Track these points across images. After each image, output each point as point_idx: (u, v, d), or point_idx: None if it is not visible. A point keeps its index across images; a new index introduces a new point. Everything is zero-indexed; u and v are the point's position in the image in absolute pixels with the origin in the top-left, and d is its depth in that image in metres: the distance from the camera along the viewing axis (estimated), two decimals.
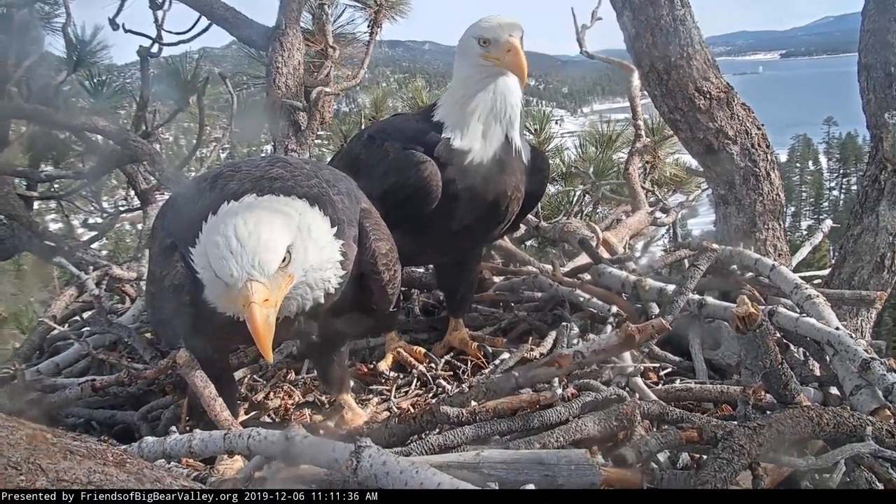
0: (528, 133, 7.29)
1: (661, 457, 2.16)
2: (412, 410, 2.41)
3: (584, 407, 2.26)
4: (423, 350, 3.38)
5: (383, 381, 3.22)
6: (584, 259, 4.17)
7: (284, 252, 2.06)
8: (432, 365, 3.29)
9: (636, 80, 6.21)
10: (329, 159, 4.28)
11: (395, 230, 2.62)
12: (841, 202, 52.98)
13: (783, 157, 54.19)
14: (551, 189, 7.59)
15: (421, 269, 3.87)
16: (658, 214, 6.50)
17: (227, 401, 2.47)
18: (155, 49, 6.80)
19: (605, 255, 4.07)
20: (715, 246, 3.36)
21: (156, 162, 5.72)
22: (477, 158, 2.98)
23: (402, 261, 2.65)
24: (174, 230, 2.42)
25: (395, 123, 3.45)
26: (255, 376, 3.31)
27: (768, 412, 2.20)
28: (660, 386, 2.80)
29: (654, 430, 2.28)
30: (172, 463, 2.18)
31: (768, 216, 4.30)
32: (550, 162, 7.48)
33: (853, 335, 2.63)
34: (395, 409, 2.92)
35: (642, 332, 2.42)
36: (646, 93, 4.82)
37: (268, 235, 2.04)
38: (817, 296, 2.94)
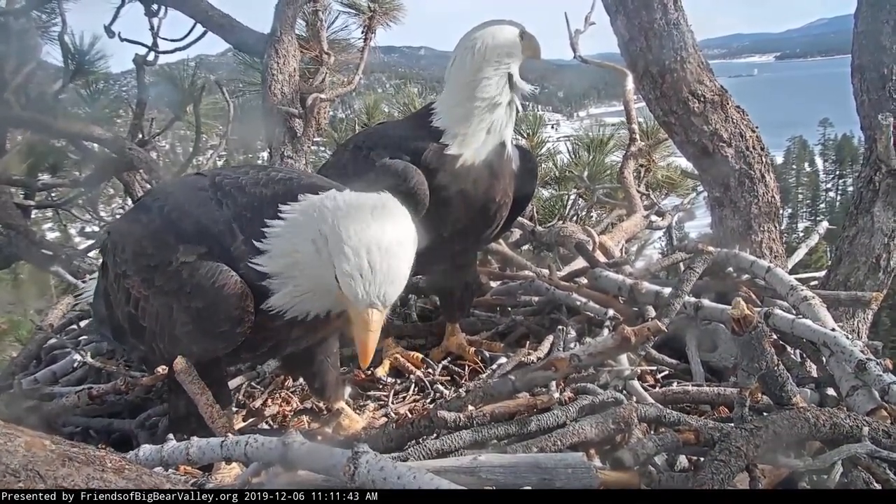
0: (520, 137, 7.29)
1: (659, 459, 2.16)
2: (410, 416, 2.42)
3: (581, 410, 2.26)
4: (421, 355, 3.38)
5: (381, 386, 3.22)
6: (580, 263, 4.17)
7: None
8: (430, 370, 3.29)
9: (630, 84, 6.20)
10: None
11: None
12: (837, 204, 53.00)
13: (779, 159, 54.31)
14: (545, 193, 7.60)
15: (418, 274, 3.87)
16: (653, 218, 6.50)
17: (224, 408, 2.47)
18: (151, 57, 6.82)
19: (602, 258, 4.07)
20: (711, 248, 3.35)
21: (152, 170, 5.75)
22: (468, 162, 2.99)
23: None
24: (203, 240, 2.29)
25: (381, 131, 3.44)
26: (252, 383, 3.31)
27: (765, 414, 2.20)
28: (657, 389, 2.80)
29: (652, 432, 2.28)
30: (170, 470, 2.18)
31: (764, 218, 4.30)
32: (543, 166, 7.52)
33: (849, 336, 2.63)
34: (393, 415, 2.92)
35: (638, 335, 2.43)
36: (640, 96, 4.83)
37: (397, 266, 2.05)
38: (813, 297, 2.93)
